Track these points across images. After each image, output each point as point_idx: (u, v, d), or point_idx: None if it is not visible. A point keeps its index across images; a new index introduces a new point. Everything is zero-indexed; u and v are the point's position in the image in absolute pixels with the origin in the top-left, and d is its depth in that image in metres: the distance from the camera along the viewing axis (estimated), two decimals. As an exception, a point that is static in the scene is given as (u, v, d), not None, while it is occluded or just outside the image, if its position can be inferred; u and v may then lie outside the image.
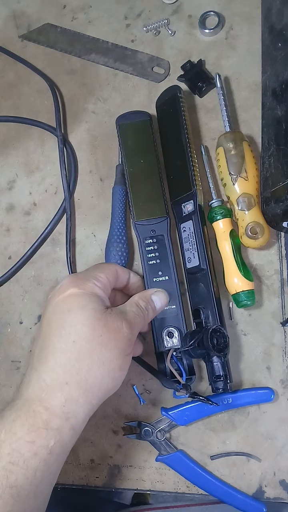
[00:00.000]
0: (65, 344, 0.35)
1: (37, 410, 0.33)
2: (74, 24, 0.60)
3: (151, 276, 0.47)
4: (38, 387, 0.34)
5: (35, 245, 0.54)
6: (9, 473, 0.31)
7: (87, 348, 0.35)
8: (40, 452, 0.32)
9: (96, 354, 0.35)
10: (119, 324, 0.37)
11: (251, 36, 0.54)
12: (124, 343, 0.37)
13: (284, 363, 0.47)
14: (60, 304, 0.37)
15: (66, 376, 0.34)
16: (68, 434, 0.34)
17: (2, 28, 0.63)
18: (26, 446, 0.32)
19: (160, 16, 0.57)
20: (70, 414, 0.34)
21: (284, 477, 0.45)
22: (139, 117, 0.51)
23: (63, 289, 0.38)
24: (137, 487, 0.48)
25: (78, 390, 0.34)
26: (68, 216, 0.53)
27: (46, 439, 0.32)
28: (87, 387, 0.34)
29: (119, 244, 0.49)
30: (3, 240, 0.56)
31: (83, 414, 0.35)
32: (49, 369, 0.35)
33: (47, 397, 0.34)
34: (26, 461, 0.31)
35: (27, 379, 0.35)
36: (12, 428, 0.32)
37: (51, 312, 0.38)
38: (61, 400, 0.34)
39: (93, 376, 0.35)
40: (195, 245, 0.46)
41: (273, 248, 0.49)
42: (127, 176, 0.50)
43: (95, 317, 0.36)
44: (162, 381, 0.45)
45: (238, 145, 0.47)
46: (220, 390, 0.43)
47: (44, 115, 0.58)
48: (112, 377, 0.36)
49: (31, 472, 0.31)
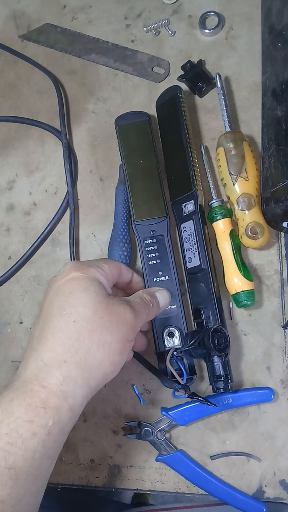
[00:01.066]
0: (65, 324, 0.35)
1: (34, 389, 0.32)
2: (74, 24, 0.60)
3: (151, 276, 0.47)
4: (36, 367, 0.34)
5: (35, 245, 0.54)
6: (8, 454, 0.30)
7: (88, 329, 0.35)
8: (38, 432, 0.31)
9: (96, 335, 0.35)
10: (122, 309, 0.37)
11: (251, 36, 0.54)
12: (127, 328, 0.36)
13: (284, 363, 0.47)
14: (62, 287, 0.37)
15: (65, 355, 0.34)
16: (66, 415, 0.33)
17: (2, 28, 0.63)
18: (24, 425, 0.31)
19: (160, 16, 0.57)
20: (68, 394, 0.33)
21: (284, 477, 0.45)
22: (138, 118, 0.51)
23: (65, 273, 0.38)
24: (137, 487, 0.48)
25: (76, 370, 0.34)
26: (72, 211, 0.53)
27: (45, 418, 0.32)
28: (86, 367, 0.34)
29: (123, 244, 0.49)
30: (3, 240, 0.56)
31: (81, 396, 0.34)
32: (48, 348, 0.34)
33: (45, 376, 0.33)
34: (24, 441, 0.31)
35: (25, 360, 0.35)
36: (9, 408, 0.31)
37: (52, 295, 0.37)
38: (59, 378, 0.33)
39: (92, 357, 0.34)
40: (196, 245, 0.46)
41: (273, 248, 0.49)
42: (126, 176, 0.50)
43: (97, 300, 0.36)
44: (162, 381, 0.45)
45: (238, 145, 0.47)
46: (221, 390, 0.43)
47: (44, 115, 0.58)
48: (111, 360, 0.35)
49: (29, 454, 0.31)
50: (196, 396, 0.43)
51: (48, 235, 0.54)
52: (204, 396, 0.45)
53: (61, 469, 0.49)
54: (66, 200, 0.54)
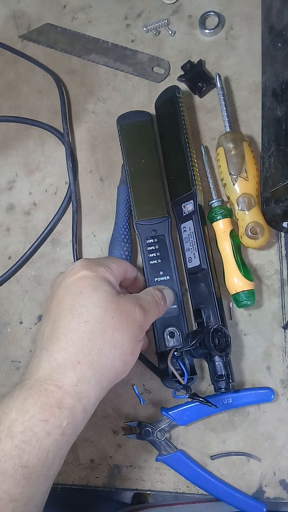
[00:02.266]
0: (77, 324, 0.35)
1: (49, 389, 0.32)
2: (74, 24, 0.60)
3: (152, 276, 0.47)
4: (49, 367, 0.33)
5: (35, 245, 0.54)
6: (22, 452, 0.30)
7: (99, 329, 0.34)
8: (53, 432, 0.31)
9: (108, 335, 0.35)
10: (132, 308, 0.37)
11: (251, 36, 0.54)
12: (136, 328, 0.36)
13: (284, 363, 0.47)
14: (71, 286, 0.37)
15: (78, 355, 0.34)
16: (80, 416, 0.33)
17: (2, 28, 0.63)
18: (39, 425, 0.31)
19: (160, 16, 0.57)
20: (82, 395, 0.33)
21: (284, 477, 0.45)
22: (141, 117, 0.51)
23: (75, 271, 0.38)
24: (137, 487, 0.48)
25: (90, 370, 0.34)
26: (74, 209, 0.53)
27: (60, 418, 0.32)
28: (98, 368, 0.34)
29: (124, 243, 0.49)
30: (3, 240, 0.56)
31: (94, 396, 0.34)
32: (60, 348, 0.34)
33: (59, 376, 0.33)
34: (39, 440, 0.30)
35: (37, 359, 0.35)
36: (24, 407, 0.31)
37: (62, 294, 0.37)
38: (73, 379, 0.33)
39: (104, 357, 0.34)
40: (196, 245, 0.46)
41: (273, 248, 0.49)
42: (128, 175, 0.49)
43: (107, 299, 0.36)
44: (163, 381, 0.45)
45: (238, 145, 0.47)
46: (222, 390, 0.43)
47: (44, 115, 0.58)
48: (123, 360, 0.35)
49: (43, 453, 0.31)
50: (197, 396, 0.43)
51: (48, 235, 0.54)
52: (204, 396, 0.45)
53: (61, 469, 0.48)
54: (66, 199, 0.54)
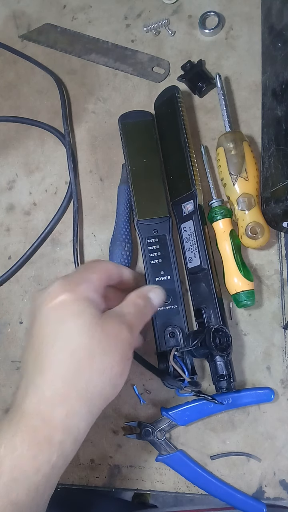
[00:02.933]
0: (62, 355, 0.33)
1: (37, 425, 0.32)
2: (74, 24, 0.60)
3: (153, 275, 0.47)
4: (36, 400, 0.32)
5: (35, 245, 0.54)
6: (11, 490, 0.30)
7: (86, 356, 0.33)
8: (42, 468, 0.31)
9: (96, 362, 0.33)
10: (118, 328, 0.35)
11: (251, 36, 0.54)
12: (125, 348, 0.35)
13: (284, 363, 0.47)
14: (52, 314, 0.34)
15: (66, 388, 0.33)
16: (70, 448, 0.32)
17: (2, 28, 0.63)
18: (28, 462, 0.30)
19: (160, 16, 0.57)
20: (72, 428, 0.32)
21: (284, 477, 0.45)
22: (142, 117, 0.51)
23: (53, 295, 0.35)
24: (137, 487, 0.48)
25: (79, 402, 0.33)
26: (75, 209, 0.53)
27: (49, 454, 0.31)
28: (87, 396, 0.33)
29: (125, 243, 0.49)
30: (3, 240, 0.56)
31: (84, 426, 0.33)
32: (47, 381, 0.33)
33: (47, 411, 0.32)
34: (28, 477, 0.30)
35: (23, 390, 0.33)
36: (12, 443, 0.31)
37: (42, 322, 0.35)
38: (62, 413, 0.32)
39: (93, 385, 0.33)
40: (196, 245, 0.46)
41: (273, 248, 0.49)
42: (130, 175, 0.49)
43: (92, 324, 0.34)
44: (165, 380, 0.45)
45: (238, 145, 0.47)
46: (223, 390, 0.43)
47: (44, 115, 0.58)
48: (113, 384, 0.34)
49: (33, 488, 0.30)
50: (203, 394, 0.43)
51: (48, 235, 0.54)
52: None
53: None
54: (66, 199, 0.54)
